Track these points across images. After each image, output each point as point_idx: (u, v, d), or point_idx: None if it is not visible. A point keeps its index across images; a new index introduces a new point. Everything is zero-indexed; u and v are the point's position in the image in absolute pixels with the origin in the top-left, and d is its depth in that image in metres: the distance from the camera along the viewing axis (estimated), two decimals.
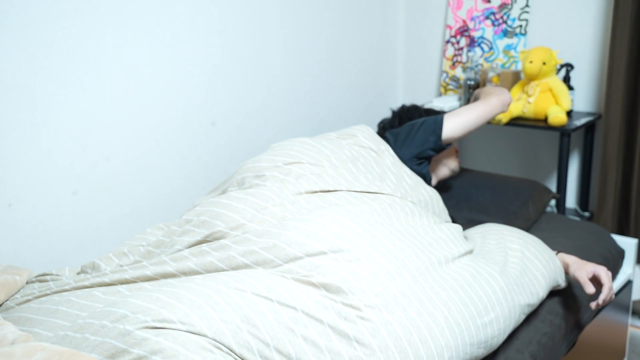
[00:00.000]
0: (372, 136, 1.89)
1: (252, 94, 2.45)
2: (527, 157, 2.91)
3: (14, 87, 1.76)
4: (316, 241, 1.33)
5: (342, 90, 2.85)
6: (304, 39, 2.62)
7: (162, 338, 1.08)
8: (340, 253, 1.31)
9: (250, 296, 1.20)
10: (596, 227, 2.21)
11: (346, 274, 1.28)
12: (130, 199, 2.08)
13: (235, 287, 1.21)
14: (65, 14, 1.84)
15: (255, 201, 1.49)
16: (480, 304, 1.39)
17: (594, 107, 2.71)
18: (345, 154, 1.74)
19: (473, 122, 1.93)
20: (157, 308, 1.13)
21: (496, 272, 1.49)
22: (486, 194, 2.20)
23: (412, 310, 1.28)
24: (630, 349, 2.47)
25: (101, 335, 1.12)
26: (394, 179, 1.77)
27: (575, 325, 1.79)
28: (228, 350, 1.11)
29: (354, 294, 1.25)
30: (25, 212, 1.83)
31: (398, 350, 1.22)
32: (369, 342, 1.21)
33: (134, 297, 1.19)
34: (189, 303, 1.15)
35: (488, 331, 1.38)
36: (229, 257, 1.35)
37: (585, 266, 1.69)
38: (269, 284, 1.24)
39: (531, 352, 1.57)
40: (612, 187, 2.54)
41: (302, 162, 1.64)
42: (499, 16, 2.83)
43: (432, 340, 1.26)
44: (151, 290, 1.21)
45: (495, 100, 1.96)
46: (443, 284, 1.38)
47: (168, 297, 1.17)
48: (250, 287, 1.22)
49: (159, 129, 2.14)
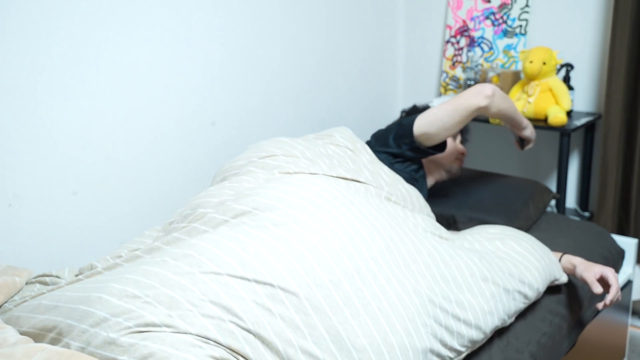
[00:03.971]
0: (349, 136, 1.91)
1: (252, 94, 2.45)
2: (527, 157, 2.91)
3: (14, 87, 1.76)
4: (295, 197, 1.36)
5: (342, 90, 2.85)
6: (303, 39, 2.62)
7: (149, 342, 1.08)
8: (314, 214, 1.33)
9: (227, 280, 1.19)
10: (596, 227, 2.21)
11: (320, 235, 1.29)
12: (130, 199, 2.08)
13: (210, 269, 1.20)
14: (65, 14, 1.84)
15: (231, 185, 1.55)
16: (453, 283, 1.39)
17: (594, 107, 2.71)
18: (320, 151, 1.77)
19: (447, 115, 1.82)
20: (137, 309, 1.13)
21: (476, 258, 1.49)
22: (487, 193, 2.20)
23: (382, 276, 1.28)
24: (630, 349, 2.47)
25: (84, 342, 1.12)
26: (370, 175, 1.77)
27: (575, 326, 1.79)
28: (215, 342, 1.12)
29: (327, 258, 1.26)
30: (25, 212, 1.83)
31: (370, 317, 1.22)
32: (342, 310, 1.20)
33: (108, 289, 1.18)
34: (167, 301, 1.14)
35: (457, 311, 1.37)
36: (210, 220, 1.39)
37: (593, 267, 1.69)
38: (243, 260, 1.22)
39: (531, 352, 1.57)
40: (612, 187, 2.54)
41: (276, 154, 1.69)
42: (499, 16, 2.83)
43: (403, 308, 1.26)
44: (126, 281, 1.19)
45: (469, 91, 1.85)
46: (416, 256, 1.38)
47: (145, 294, 1.15)
48: (226, 266, 1.21)
49: (159, 128, 2.14)
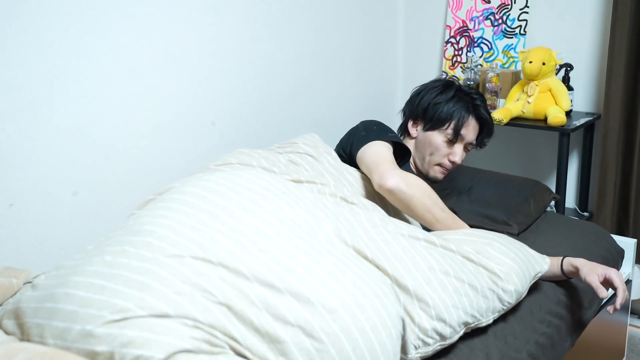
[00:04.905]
0: (313, 142, 1.92)
1: (252, 94, 2.45)
2: (526, 157, 2.91)
3: (14, 87, 1.77)
4: (244, 188, 1.38)
5: (342, 90, 2.85)
6: (303, 39, 2.62)
7: (127, 330, 1.06)
8: (260, 203, 1.34)
9: (190, 261, 1.18)
10: (595, 227, 2.21)
11: (268, 222, 1.31)
12: (130, 199, 2.08)
13: (172, 253, 1.19)
14: (65, 14, 1.84)
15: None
16: (408, 276, 1.37)
17: (593, 107, 2.71)
18: (279, 159, 1.79)
19: (370, 167, 1.79)
20: (109, 298, 1.11)
21: (437, 254, 1.46)
22: (488, 189, 2.21)
23: (337, 253, 1.29)
24: (630, 349, 2.47)
25: (58, 338, 1.10)
26: (332, 178, 1.78)
27: (575, 327, 1.79)
28: (194, 321, 1.10)
29: (279, 241, 1.27)
30: (25, 212, 1.83)
31: (335, 282, 1.20)
32: (305, 279, 1.19)
33: (72, 283, 1.15)
34: (137, 286, 1.12)
35: (416, 302, 1.36)
36: (171, 199, 1.37)
37: (596, 269, 1.64)
38: (202, 243, 1.21)
39: (529, 351, 1.57)
40: (612, 187, 2.54)
41: (232, 162, 1.71)
42: (498, 16, 2.83)
43: (368, 277, 1.25)
44: (88, 274, 1.17)
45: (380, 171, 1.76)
46: (365, 249, 1.38)
47: (113, 283, 1.13)
48: (186, 250, 1.20)
49: (159, 128, 2.15)
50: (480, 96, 2.02)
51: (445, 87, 2.01)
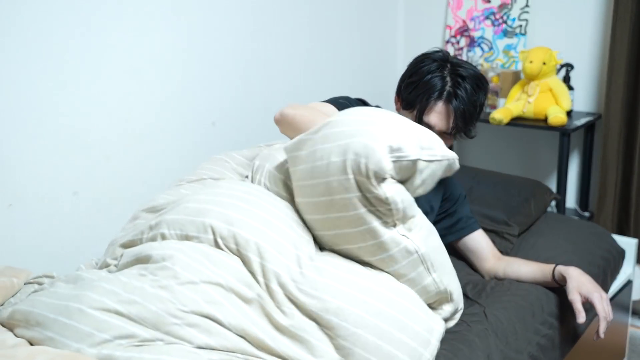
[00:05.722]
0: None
1: (252, 94, 2.44)
2: (527, 157, 2.91)
3: (14, 87, 1.76)
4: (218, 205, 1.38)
5: (342, 90, 2.84)
6: (304, 39, 2.62)
7: (146, 354, 1.10)
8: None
9: (203, 287, 1.22)
10: (596, 228, 2.21)
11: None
12: (130, 199, 2.08)
13: (187, 280, 1.23)
14: (65, 14, 1.84)
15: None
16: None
17: (594, 107, 2.71)
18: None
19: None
20: (126, 326, 1.15)
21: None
22: (488, 189, 2.20)
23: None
24: (630, 349, 2.47)
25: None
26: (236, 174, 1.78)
27: (576, 328, 1.78)
28: (208, 347, 1.16)
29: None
30: (25, 212, 1.83)
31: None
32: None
33: (86, 298, 1.19)
34: (152, 318, 1.17)
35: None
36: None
37: (581, 288, 1.59)
38: (212, 269, 1.25)
39: (530, 353, 1.56)
40: (612, 187, 2.54)
41: (204, 177, 1.69)
42: (498, 16, 2.83)
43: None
44: (104, 291, 1.20)
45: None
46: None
47: (127, 307, 1.17)
48: (199, 275, 1.24)
49: (159, 128, 2.14)
50: (466, 79, 1.65)
51: (423, 63, 1.71)
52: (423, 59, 1.72)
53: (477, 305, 1.65)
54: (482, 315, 1.60)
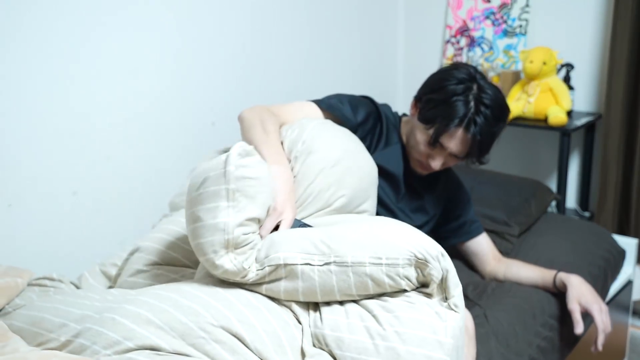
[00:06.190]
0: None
1: (252, 94, 2.44)
2: (527, 157, 2.90)
3: (14, 87, 1.76)
4: None
5: (342, 90, 2.83)
6: (304, 39, 2.61)
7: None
8: None
9: (240, 307, 1.19)
10: (596, 228, 2.21)
11: None
12: (130, 199, 2.08)
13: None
14: (66, 14, 1.83)
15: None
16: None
17: (594, 107, 2.70)
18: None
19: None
20: (150, 335, 1.13)
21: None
22: (489, 189, 2.21)
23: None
24: (631, 349, 2.47)
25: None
26: None
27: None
28: None
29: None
30: (25, 212, 1.83)
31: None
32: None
33: (122, 310, 1.17)
34: (180, 328, 1.15)
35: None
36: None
37: (581, 298, 1.60)
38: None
39: (531, 355, 1.56)
40: (613, 187, 2.54)
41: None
42: (499, 16, 2.83)
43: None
44: (140, 303, 1.18)
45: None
46: None
47: (159, 315, 1.16)
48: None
49: (159, 129, 2.14)
50: (489, 108, 1.59)
51: (449, 82, 1.64)
52: (449, 77, 1.65)
53: (477, 307, 1.65)
54: (482, 317, 1.59)
